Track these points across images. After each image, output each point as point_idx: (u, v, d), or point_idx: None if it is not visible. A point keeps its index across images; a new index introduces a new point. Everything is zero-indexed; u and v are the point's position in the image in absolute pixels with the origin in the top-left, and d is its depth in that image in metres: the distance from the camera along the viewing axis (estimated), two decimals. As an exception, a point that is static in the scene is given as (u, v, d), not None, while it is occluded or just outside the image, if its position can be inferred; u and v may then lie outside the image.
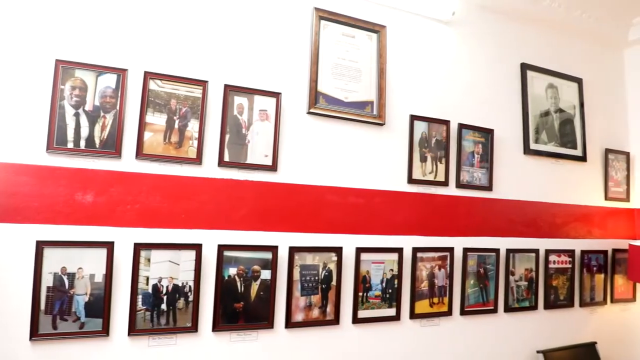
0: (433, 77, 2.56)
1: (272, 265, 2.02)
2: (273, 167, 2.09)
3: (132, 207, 1.86)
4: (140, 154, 1.88)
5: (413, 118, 2.41)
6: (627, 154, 3.27)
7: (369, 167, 2.31)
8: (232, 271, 1.97)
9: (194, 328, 1.90)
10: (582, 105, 3.11)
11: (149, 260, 1.85)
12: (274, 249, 2.03)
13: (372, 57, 2.39)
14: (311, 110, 2.19)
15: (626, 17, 3.18)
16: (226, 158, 2.02)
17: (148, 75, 1.91)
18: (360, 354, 2.21)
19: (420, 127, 2.43)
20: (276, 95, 2.12)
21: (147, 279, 1.85)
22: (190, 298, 1.90)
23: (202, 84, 2.00)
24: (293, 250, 2.07)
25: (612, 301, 3.06)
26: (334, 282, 2.14)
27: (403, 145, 2.40)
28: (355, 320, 2.19)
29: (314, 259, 2.11)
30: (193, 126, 1.98)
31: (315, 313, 2.11)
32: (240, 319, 1.98)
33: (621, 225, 3.19)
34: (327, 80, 2.25)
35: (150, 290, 1.85)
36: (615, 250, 3.09)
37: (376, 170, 2.33)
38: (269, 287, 2.02)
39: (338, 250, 2.15)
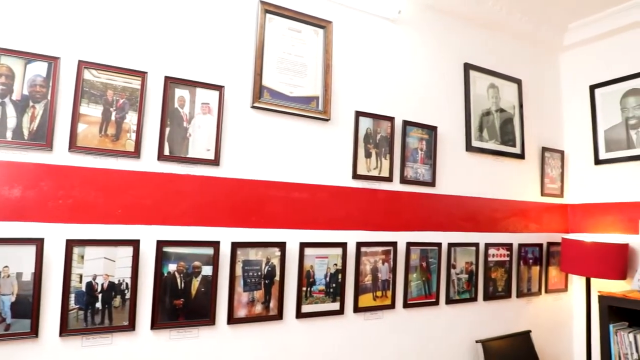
0: (379, 74, 2.59)
1: (213, 261, 1.99)
2: (215, 162, 2.05)
3: (64, 202, 1.78)
4: (73, 146, 1.80)
5: (358, 114, 2.44)
6: (562, 153, 3.44)
7: (314, 162, 2.32)
8: (172, 267, 1.93)
9: (131, 326, 1.84)
10: (521, 105, 3.25)
11: (82, 257, 1.78)
12: (215, 245, 1.99)
13: (318, 53, 2.39)
14: (255, 105, 2.16)
15: (562, 22, 3.34)
16: (166, 152, 1.96)
17: (82, 65, 1.83)
18: (304, 348, 2.22)
19: (365, 123, 2.46)
20: (219, 88, 2.08)
21: (81, 276, 1.78)
22: (127, 296, 1.84)
23: (141, 75, 1.93)
24: (235, 246, 2.04)
25: (546, 291, 3.22)
26: (277, 278, 2.14)
27: (348, 140, 2.42)
28: (299, 315, 2.19)
29: (256, 254, 2.10)
30: (131, 118, 1.91)
31: (258, 308, 2.10)
32: (180, 316, 1.94)
33: (555, 219, 3.36)
34: (272, 75, 2.24)
35: (84, 289, 1.77)
36: (549, 244, 3.25)
37: (321, 165, 2.34)
38: (211, 283, 1.99)
39: (281, 246, 2.14)
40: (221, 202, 2.06)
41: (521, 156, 3.18)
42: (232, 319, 2.03)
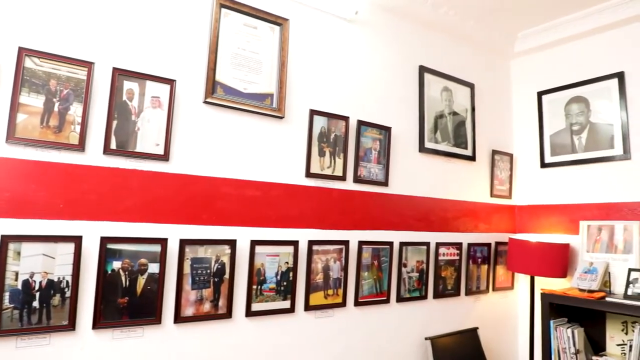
0: (335, 73, 2.61)
1: (160, 258, 1.95)
2: (165, 157, 2.00)
3: (0, 196, 1.69)
4: (11, 137, 1.71)
5: (313, 113, 2.44)
6: (511, 156, 3.57)
7: (267, 160, 2.31)
8: (117, 265, 1.87)
9: (70, 326, 1.77)
10: (473, 109, 3.35)
11: (18, 253, 1.69)
12: (163, 242, 1.95)
13: (273, 50, 2.38)
14: (208, 100, 2.13)
15: (513, 31, 3.46)
16: (112, 145, 1.90)
17: (23, 52, 1.75)
18: (253, 347, 2.20)
19: (320, 122, 2.47)
20: (170, 82, 2.04)
21: (17, 274, 1.69)
22: (68, 294, 1.77)
23: (88, 65, 1.86)
24: (184, 243, 2.00)
25: (493, 289, 3.33)
26: (227, 276, 2.11)
27: (302, 139, 2.42)
28: (249, 313, 2.17)
29: (206, 251, 2.06)
30: (76, 110, 1.84)
31: (207, 307, 2.06)
32: (124, 315, 1.88)
33: (504, 220, 3.48)
34: (225, 70, 2.21)
35: (19, 287, 1.69)
36: (497, 243, 3.37)
37: (274, 163, 2.32)
38: (157, 281, 1.94)
39: (232, 243, 2.12)
40: (170, 198, 2.01)
41: (472, 158, 3.27)
42: (179, 318, 1.99)
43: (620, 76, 3.06)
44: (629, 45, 3.04)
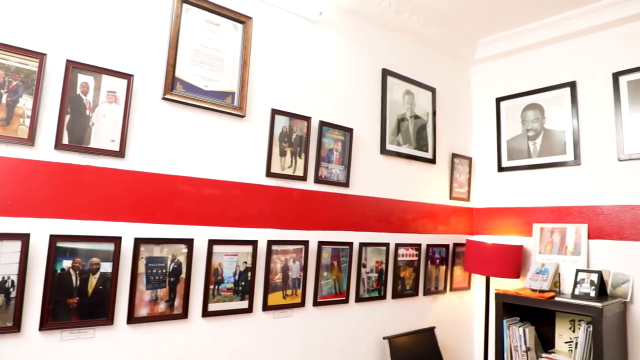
0: (298, 73, 2.61)
1: (114, 257, 1.90)
2: (120, 153, 1.95)
3: (-60, 191, 1.61)
4: (-46, 129, 1.64)
5: (274, 112, 2.44)
6: (470, 159, 3.67)
7: (227, 159, 2.28)
8: (67, 264, 1.81)
9: (15, 328, 1.70)
10: (434, 113, 3.42)
11: (-41, 251, 1.62)
12: (116, 240, 1.90)
13: (236, 48, 2.36)
14: (167, 96, 2.09)
15: (474, 37, 3.56)
16: (65, 140, 1.84)
17: (-31, 41, 1.67)
18: (210, 348, 2.17)
19: (281, 122, 2.46)
20: (128, 77, 1.99)
21: (-43, 273, 1.62)
22: (13, 294, 1.70)
23: (39, 56, 1.80)
24: (139, 242, 1.96)
25: (451, 290, 3.41)
26: (183, 275, 2.08)
27: (263, 138, 2.41)
28: (206, 313, 2.14)
29: (162, 250, 2.02)
30: (25, 102, 1.77)
31: (162, 307, 2.02)
32: (74, 315, 1.82)
33: (462, 222, 3.57)
34: (186, 67, 2.17)
35: (-40, 286, 1.62)
36: (455, 245, 3.45)
37: (234, 162, 2.30)
38: (110, 281, 1.89)
39: (189, 242, 2.09)
40: (125, 196, 1.97)
41: (432, 161, 3.34)
42: (132, 318, 1.94)
43: (572, 85, 3.20)
44: (581, 56, 3.17)
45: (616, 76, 2.97)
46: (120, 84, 1.97)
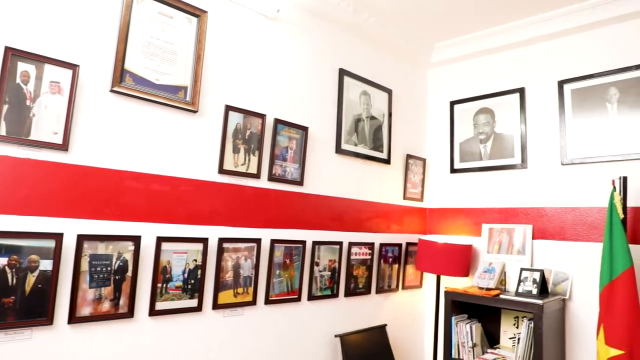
0: (253, 70, 2.59)
1: (55, 254, 1.82)
2: (63, 147, 1.88)
3: None
4: None
5: (228, 108, 2.40)
6: (424, 160, 3.75)
7: (178, 155, 2.24)
8: (2, 261, 1.72)
9: (-56, 328, 1.61)
10: (390, 114, 3.47)
11: None
12: (57, 237, 1.82)
13: (190, 41, 2.31)
14: (115, 89, 2.02)
15: (431, 41, 3.63)
16: (2, 132, 1.75)
17: None
18: (157, 347, 2.12)
19: (235, 118, 2.43)
20: (73, 67, 1.91)
21: None
22: (-59, 293, 1.61)
23: (-25, 42, 1.70)
24: (82, 239, 1.89)
25: (403, 288, 3.48)
26: (129, 273, 2.02)
27: (216, 134, 2.38)
28: (153, 312, 2.09)
29: (107, 248, 1.96)
30: (-41, 91, 1.68)
31: (106, 306, 1.96)
32: (10, 315, 1.73)
33: (415, 222, 3.65)
34: (136, 59, 2.11)
35: None
36: (408, 244, 3.52)
37: (185, 158, 2.26)
38: (50, 279, 1.81)
39: (136, 239, 2.03)
40: (68, 190, 1.89)
41: (387, 161, 3.39)
42: (74, 318, 1.87)
43: (521, 91, 3.32)
44: (530, 64, 3.30)
45: (561, 84, 3.11)
46: (64, 74, 1.90)
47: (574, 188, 2.98)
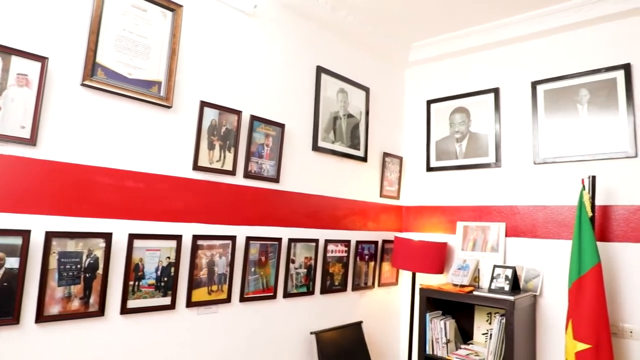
0: (230, 66, 2.56)
1: (21, 251, 1.77)
2: (31, 141, 1.83)
3: None
4: None
5: (203, 104, 2.38)
6: (401, 159, 3.78)
7: (152, 151, 2.20)
8: (-35, 259, 1.67)
9: None
10: (367, 112, 3.48)
11: None
12: (25, 234, 1.77)
13: (164, 36, 2.28)
14: (86, 82, 1.98)
15: (408, 40, 3.66)
16: (-34, 125, 1.70)
17: None
18: (129, 346, 2.09)
19: (211, 115, 2.41)
20: (42, 59, 1.86)
21: None
22: None
23: (-62, 32, 1.65)
24: (50, 236, 1.84)
25: (379, 285, 3.50)
26: (100, 271, 1.98)
27: (191, 130, 2.35)
28: (124, 310, 2.06)
29: (77, 245, 1.92)
30: None
31: (76, 304, 1.92)
32: (-27, 314, 1.69)
33: (391, 219, 3.67)
34: (108, 52, 2.07)
35: None
36: (384, 241, 3.54)
37: (159, 154, 2.23)
38: (17, 277, 1.77)
39: (107, 236, 1.99)
40: (36, 186, 1.84)
41: (364, 159, 3.41)
42: (42, 317, 1.83)
43: (496, 92, 3.38)
44: (505, 64, 3.36)
45: (534, 85, 3.18)
46: (32, 67, 1.84)
47: (545, 187, 3.05)
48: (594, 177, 2.68)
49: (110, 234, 2.00)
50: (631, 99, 2.75)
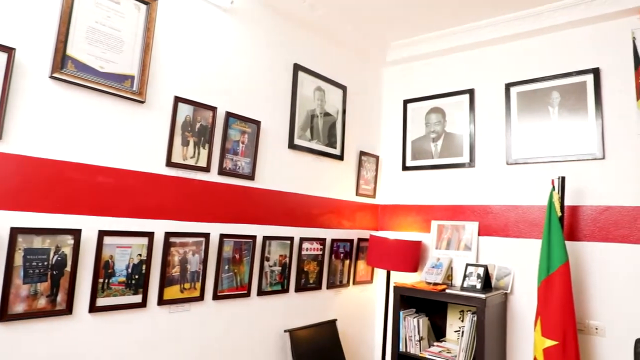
0: (205, 61, 2.53)
1: (-15, 248, 1.72)
2: (-4, 134, 1.78)
3: None
4: None
5: (178, 100, 2.34)
6: (377, 157, 3.80)
7: (124, 146, 2.16)
8: None
9: None
10: (344, 111, 3.49)
11: None
12: (-12, 230, 1.73)
13: (138, 29, 2.24)
14: (55, 75, 1.93)
15: (386, 40, 3.68)
16: None
17: None
18: (98, 344, 2.04)
19: (185, 110, 2.38)
20: (8, 50, 1.80)
21: None
22: None
23: None
24: (15, 232, 1.79)
25: (354, 283, 3.52)
26: (68, 268, 1.93)
27: (164, 126, 2.31)
28: (93, 309, 2.01)
29: (44, 242, 1.87)
30: None
31: (42, 303, 1.87)
32: None
33: (367, 218, 3.69)
34: (79, 45, 2.02)
35: None
36: (360, 240, 3.56)
37: (132, 149, 2.18)
38: (-20, 274, 1.72)
39: (75, 233, 1.94)
40: (2, 181, 1.79)
41: (340, 158, 3.42)
42: (5, 316, 1.77)
43: (471, 92, 3.43)
44: (480, 66, 3.41)
45: (508, 87, 3.23)
46: (-1, 58, 1.79)
47: (517, 187, 3.11)
48: (563, 178, 2.74)
49: (80, 230, 1.96)
50: (600, 103, 2.83)
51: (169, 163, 2.31)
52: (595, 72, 2.86)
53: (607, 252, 2.71)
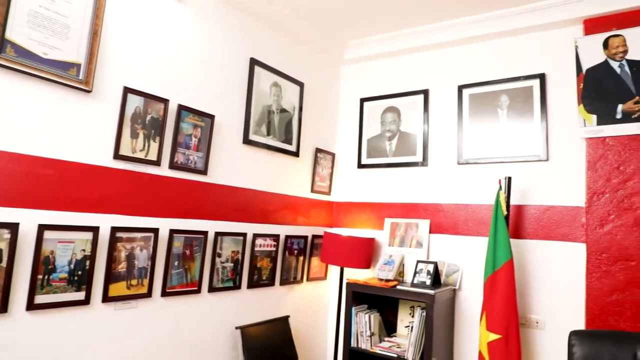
0: (158, 53, 2.46)
1: None
2: None
3: None
4: None
5: (127, 90, 2.27)
6: (333, 155, 3.82)
7: (67, 137, 2.07)
8: None
9: None
10: (301, 107, 3.49)
11: None
12: None
13: (85, 15, 2.14)
14: (-8, 60, 1.83)
15: (345, 38, 3.69)
16: None
17: None
18: (36, 343, 1.95)
19: (135, 101, 2.30)
20: (-61, 31, 1.69)
21: None
22: None
23: None
24: (-55, 225, 1.69)
25: (308, 280, 3.53)
26: (3, 264, 1.83)
27: (112, 117, 2.23)
28: (31, 306, 1.92)
29: (-23, 236, 1.77)
30: None
31: (-26, 300, 1.77)
32: None
33: (322, 215, 3.71)
34: (20, 29, 1.92)
35: None
36: (314, 236, 3.57)
37: (76, 141, 2.09)
38: None
39: (12, 227, 1.84)
40: None
41: (296, 154, 3.41)
42: None
43: (425, 93, 3.50)
44: (434, 67, 3.49)
45: (461, 89, 3.32)
46: None
47: (467, 186, 3.21)
48: (509, 178, 2.85)
49: (17, 224, 1.86)
50: (545, 107, 2.95)
51: (117, 156, 2.23)
52: (542, 77, 2.99)
53: (549, 250, 2.84)
